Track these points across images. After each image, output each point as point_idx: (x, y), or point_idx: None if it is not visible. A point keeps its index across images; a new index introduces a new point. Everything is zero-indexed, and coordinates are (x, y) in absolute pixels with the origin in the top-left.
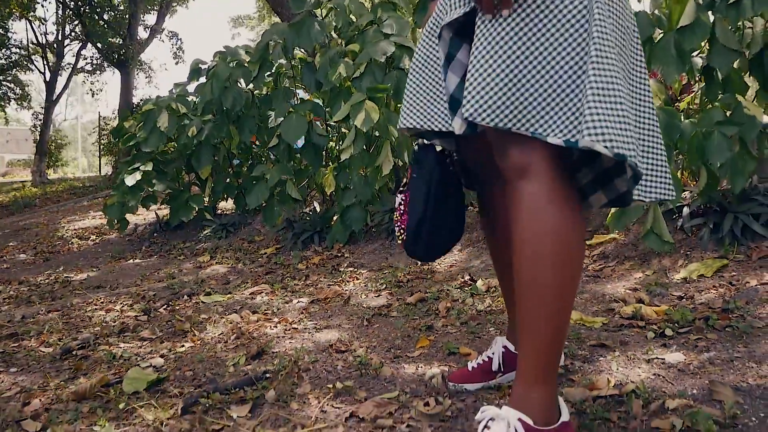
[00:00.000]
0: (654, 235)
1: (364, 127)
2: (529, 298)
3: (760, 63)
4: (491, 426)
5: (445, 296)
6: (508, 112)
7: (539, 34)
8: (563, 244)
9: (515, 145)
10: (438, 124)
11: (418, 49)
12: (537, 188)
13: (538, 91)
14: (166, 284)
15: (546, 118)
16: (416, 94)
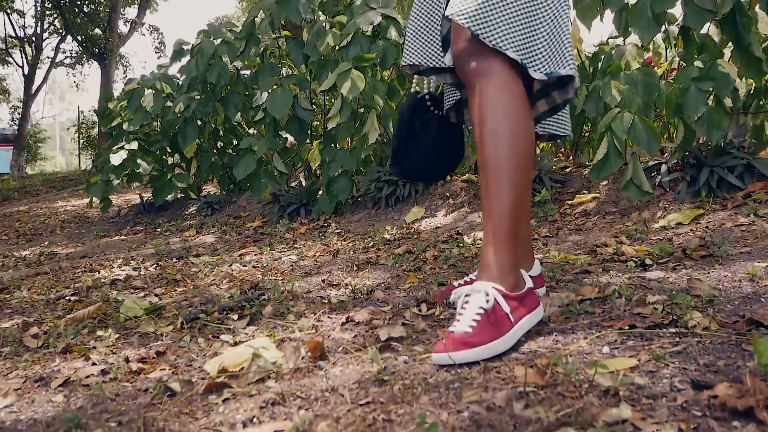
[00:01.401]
0: (633, 186)
1: (350, 96)
2: (491, 169)
3: (732, 22)
4: (469, 300)
5: (432, 248)
6: (483, 22)
7: None
8: (517, 123)
9: (477, 55)
10: (434, 61)
11: None
12: (494, 83)
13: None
14: (153, 251)
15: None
16: (416, 35)
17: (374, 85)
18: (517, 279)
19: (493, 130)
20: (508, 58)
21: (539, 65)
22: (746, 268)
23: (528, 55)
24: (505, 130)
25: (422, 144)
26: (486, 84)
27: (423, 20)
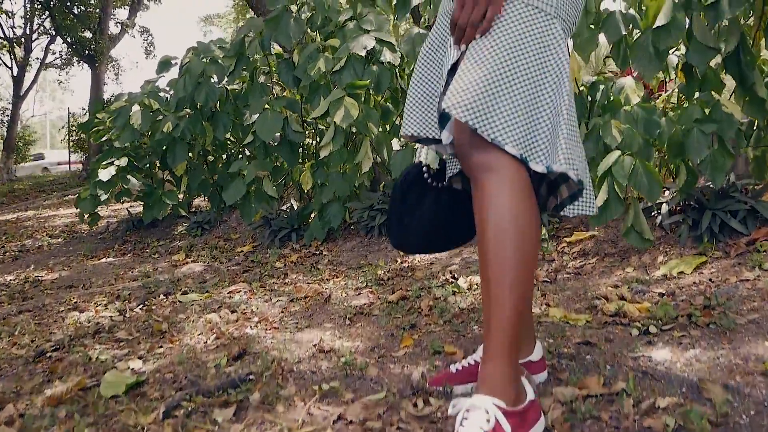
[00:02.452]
0: (634, 233)
1: (343, 124)
2: (493, 272)
3: (736, 61)
4: (469, 417)
5: (427, 294)
6: (481, 115)
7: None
8: (522, 223)
9: (479, 148)
10: (435, 131)
11: (420, 58)
12: (498, 178)
13: (509, 108)
14: (141, 283)
15: (510, 132)
16: (416, 103)
17: (368, 112)
18: (518, 391)
19: (496, 232)
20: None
21: (541, 157)
22: (757, 349)
23: (529, 148)
24: (509, 232)
25: (418, 219)
26: (489, 179)
27: (423, 88)
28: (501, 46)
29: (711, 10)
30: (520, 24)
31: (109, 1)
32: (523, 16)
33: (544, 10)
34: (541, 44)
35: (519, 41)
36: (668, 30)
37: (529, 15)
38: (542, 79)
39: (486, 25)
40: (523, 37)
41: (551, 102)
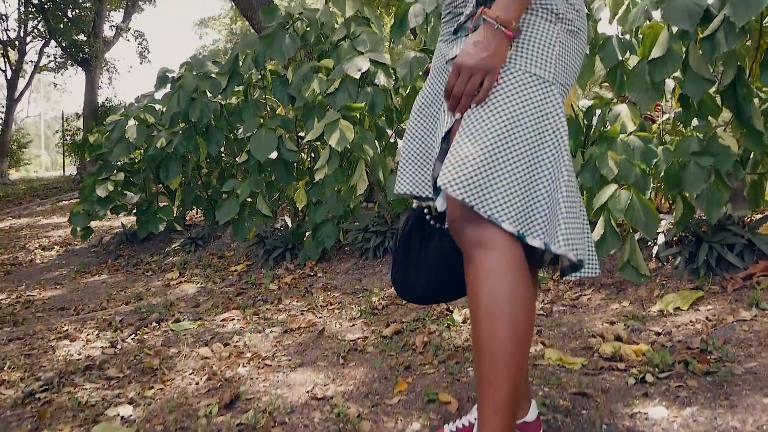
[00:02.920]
0: (630, 267)
1: (338, 148)
2: (487, 357)
3: (733, 93)
4: None
5: (422, 328)
6: (477, 192)
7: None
8: (518, 305)
9: (473, 223)
10: (427, 191)
11: (414, 112)
12: (493, 257)
13: (507, 182)
14: (133, 307)
15: (508, 208)
16: (409, 160)
17: (363, 134)
18: None
19: (489, 313)
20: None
21: (539, 232)
22: (756, 411)
23: (526, 224)
24: (503, 312)
25: (423, 266)
26: (483, 257)
27: (417, 144)
28: (498, 117)
29: (707, 42)
30: (517, 92)
31: (103, 4)
32: (520, 83)
33: (542, 77)
34: (539, 114)
35: (516, 112)
36: (664, 61)
37: (526, 82)
38: (540, 152)
39: (482, 95)
40: (520, 107)
41: (549, 175)
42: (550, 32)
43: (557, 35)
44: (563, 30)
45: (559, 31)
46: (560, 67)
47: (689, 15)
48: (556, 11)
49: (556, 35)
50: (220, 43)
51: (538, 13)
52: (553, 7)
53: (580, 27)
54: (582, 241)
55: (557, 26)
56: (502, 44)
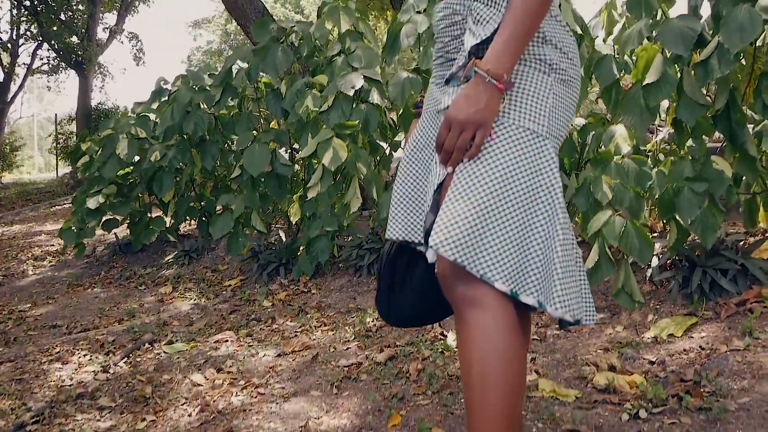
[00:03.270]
0: (625, 294)
1: (332, 166)
2: (478, 417)
3: (726, 118)
4: None
5: (416, 353)
6: (469, 252)
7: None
8: (510, 369)
9: (464, 281)
10: (419, 237)
11: (405, 156)
12: (485, 317)
13: (499, 241)
14: (126, 326)
15: (500, 267)
16: (401, 207)
17: (357, 152)
18: None
19: (482, 375)
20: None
21: (532, 290)
22: None
23: (520, 282)
24: (495, 376)
25: (409, 290)
26: (474, 317)
27: (408, 190)
28: (490, 173)
29: (700, 67)
30: (510, 148)
31: (97, 7)
32: (513, 139)
33: (535, 131)
34: (533, 170)
35: (509, 168)
36: (659, 86)
37: (520, 137)
38: (534, 209)
39: (474, 150)
40: (513, 164)
41: (543, 232)
42: (544, 84)
43: (550, 87)
44: (556, 80)
45: (552, 83)
46: (553, 119)
47: (683, 40)
48: (549, 62)
49: (549, 87)
50: (215, 44)
51: (531, 65)
52: (546, 57)
53: (573, 75)
54: (578, 297)
55: (550, 77)
56: (493, 98)
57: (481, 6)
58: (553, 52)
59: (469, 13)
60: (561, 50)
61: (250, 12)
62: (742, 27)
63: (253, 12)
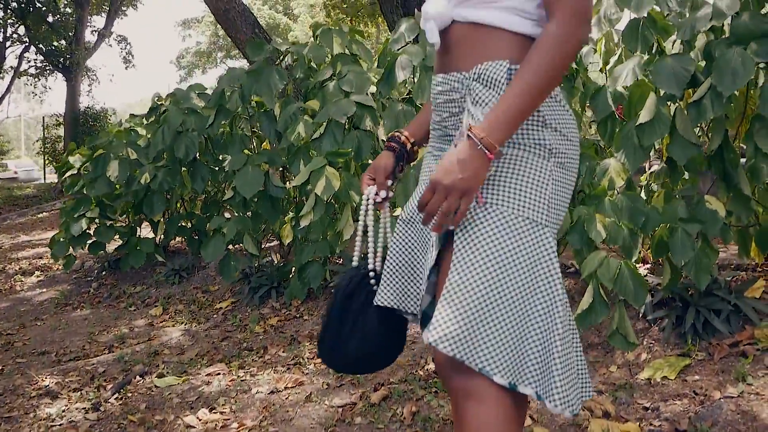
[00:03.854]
0: (619, 335)
1: (324, 196)
2: None
3: (720, 158)
4: None
5: (410, 393)
6: (467, 346)
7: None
8: None
9: (461, 372)
10: (413, 305)
11: (399, 225)
12: (482, 410)
13: (498, 334)
14: (116, 355)
15: (499, 360)
16: (394, 276)
17: (349, 180)
18: None
19: None
20: None
21: (531, 381)
22: None
23: (518, 373)
24: None
25: (359, 331)
26: (473, 411)
27: (402, 259)
28: (489, 264)
29: (694, 108)
30: (510, 238)
31: (85, 10)
32: (513, 228)
33: (535, 220)
34: (532, 260)
35: (508, 259)
36: (653, 125)
37: (519, 227)
38: (533, 300)
39: (458, 218)
40: (512, 254)
41: (542, 323)
42: (543, 170)
43: (550, 172)
44: (556, 165)
45: (552, 168)
46: (552, 206)
47: (676, 80)
48: (549, 146)
49: (549, 173)
50: (204, 45)
51: (531, 150)
52: (545, 142)
53: (572, 157)
54: (578, 387)
55: (550, 162)
56: (482, 166)
57: (480, 87)
58: (553, 135)
59: (468, 92)
60: (560, 132)
61: (242, 24)
62: (735, 71)
63: (245, 24)
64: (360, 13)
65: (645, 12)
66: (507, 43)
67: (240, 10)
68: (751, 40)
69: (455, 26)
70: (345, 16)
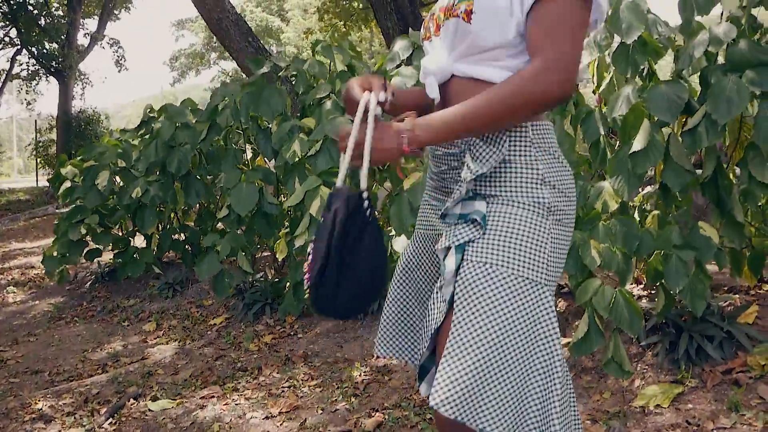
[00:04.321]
0: (614, 364)
1: (319, 216)
2: None
3: (714, 184)
4: None
5: (404, 420)
6: (469, 408)
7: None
8: None
9: (461, 428)
10: (410, 355)
11: (397, 275)
12: None
13: (498, 394)
14: (110, 376)
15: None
16: (391, 326)
17: None
18: None
19: None
20: None
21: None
22: None
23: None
24: None
25: (363, 251)
26: None
27: (399, 309)
28: (490, 326)
29: (688, 136)
30: (510, 299)
31: (77, 13)
32: (513, 289)
33: (534, 280)
34: (531, 320)
35: (509, 320)
36: (647, 153)
37: (519, 287)
38: (532, 360)
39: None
40: (512, 315)
41: (542, 383)
42: (542, 229)
43: (549, 230)
44: (554, 222)
45: (550, 226)
46: (551, 264)
47: (670, 107)
48: (548, 204)
49: (548, 231)
50: (198, 46)
51: (529, 208)
52: (544, 200)
53: (570, 213)
54: None
55: (548, 221)
56: (395, 153)
57: (480, 143)
58: (551, 193)
59: (468, 147)
60: (558, 189)
61: (235, 34)
62: (730, 100)
63: (238, 33)
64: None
65: (634, 37)
66: None
67: (233, 20)
68: (747, 68)
69: (454, 80)
70: (338, 21)
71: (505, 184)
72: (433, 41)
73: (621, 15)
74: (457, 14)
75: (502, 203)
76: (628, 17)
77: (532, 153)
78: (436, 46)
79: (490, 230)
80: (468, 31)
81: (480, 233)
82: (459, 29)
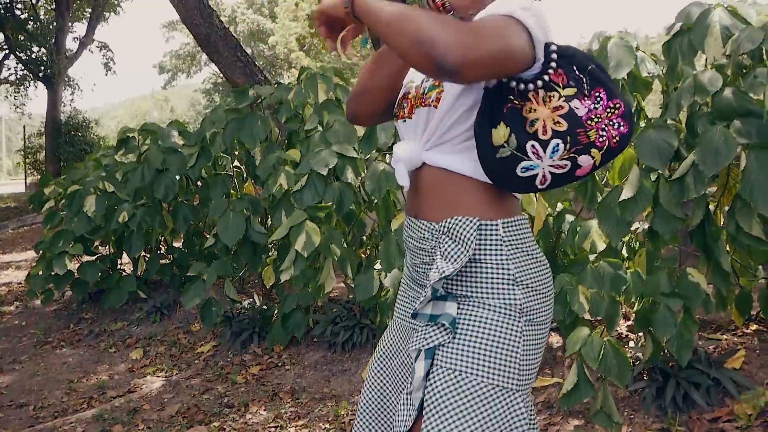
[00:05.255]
0: (603, 414)
1: (305, 252)
2: None
3: (701, 232)
4: None
5: None
6: None
7: None
8: None
9: None
10: None
11: (373, 362)
12: None
13: None
14: (96, 412)
15: None
16: (367, 414)
17: (330, 234)
18: None
19: None
20: None
21: None
22: None
23: None
24: None
25: None
26: None
27: (375, 396)
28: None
29: (676, 184)
30: (480, 407)
31: (65, 19)
32: (483, 397)
33: (505, 386)
34: (504, 427)
35: (479, 429)
36: (635, 201)
37: (490, 395)
38: None
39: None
40: (483, 426)
41: None
42: (514, 332)
43: (521, 333)
44: (526, 323)
45: (523, 327)
46: (524, 368)
47: (659, 154)
48: (520, 305)
49: (520, 334)
50: (189, 47)
51: (500, 311)
52: (516, 301)
53: (544, 311)
54: None
55: (521, 322)
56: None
57: (449, 242)
58: (523, 293)
59: (437, 245)
60: (531, 288)
61: (223, 48)
62: (717, 151)
63: (226, 48)
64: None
65: (624, 74)
66: (476, 195)
67: (222, 35)
68: (734, 117)
69: (425, 169)
70: None
71: (476, 285)
72: (407, 123)
73: (609, 52)
74: (428, 103)
75: (473, 305)
76: (616, 53)
77: (503, 251)
78: (408, 131)
79: (460, 335)
80: (438, 118)
81: (450, 337)
82: (429, 117)
